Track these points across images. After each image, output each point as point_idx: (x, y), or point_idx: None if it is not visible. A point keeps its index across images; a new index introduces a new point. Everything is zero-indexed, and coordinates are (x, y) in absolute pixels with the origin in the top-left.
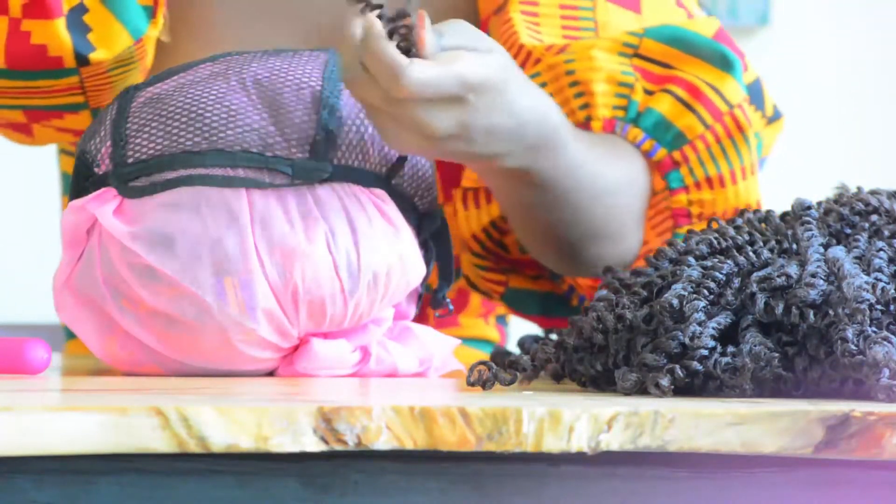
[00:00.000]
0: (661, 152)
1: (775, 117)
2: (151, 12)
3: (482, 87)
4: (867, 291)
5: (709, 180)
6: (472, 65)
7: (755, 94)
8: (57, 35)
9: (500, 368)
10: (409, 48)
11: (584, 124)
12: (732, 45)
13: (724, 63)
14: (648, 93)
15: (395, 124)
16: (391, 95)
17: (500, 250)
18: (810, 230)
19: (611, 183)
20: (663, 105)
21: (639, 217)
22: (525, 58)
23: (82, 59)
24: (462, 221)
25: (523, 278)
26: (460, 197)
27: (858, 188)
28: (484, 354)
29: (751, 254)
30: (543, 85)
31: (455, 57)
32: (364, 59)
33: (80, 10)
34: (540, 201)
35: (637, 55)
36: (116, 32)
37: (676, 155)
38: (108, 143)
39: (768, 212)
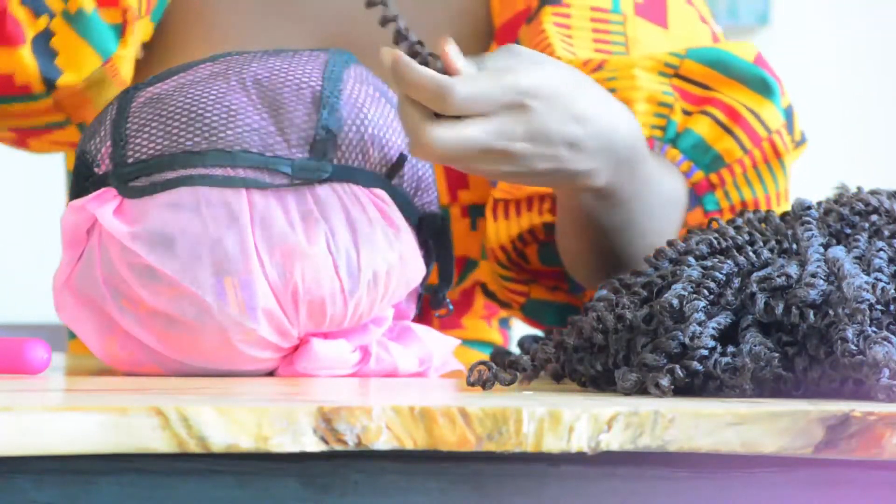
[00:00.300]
0: (699, 174)
1: (801, 142)
2: (120, 31)
3: (540, 90)
4: (867, 291)
5: (744, 204)
6: (522, 72)
7: (789, 119)
8: (22, 62)
9: (500, 368)
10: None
11: None
12: (771, 70)
13: (764, 88)
14: (687, 113)
15: (482, 162)
16: (443, 112)
17: (522, 261)
18: (810, 230)
19: (671, 198)
20: (702, 127)
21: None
22: None
23: (51, 84)
24: (491, 232)
25: (543, 289)
26: (491, 207)
27: (858, 188)
28: (486, 356)
29: (751, 254)
30: None
31: (504, 69)
32: (407, 92)
33: (47, 35)
34: (616, 220)
35: (677, 75)
36: (84, 55)
37: (713, 178)
38: (108, 143)
39: (768, 212)
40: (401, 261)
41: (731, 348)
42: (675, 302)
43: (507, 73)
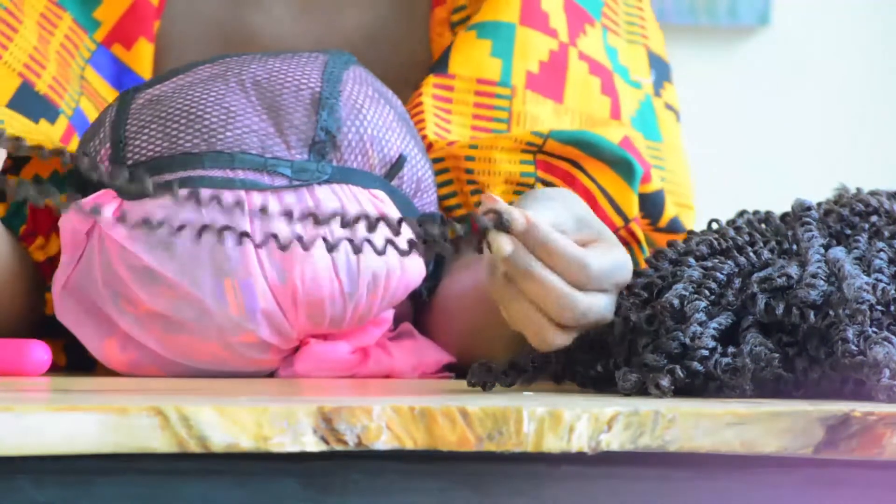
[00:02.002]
0: None
1: (672, 230)
2: None
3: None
4: (867, 292)
5: None
6: (617, 248)
7: (656, 204)
8: None
9: (500, 369)
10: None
11: None
12: (638, 155)
13: (627, 171)
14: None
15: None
16: (582, 287)
17: None
18: (810, 231)
19: None
20: None
21: None
22: (427, 147)
23: None
24: None
25: None
26: None
27: (858, 189)
28: None
29: (751, 254)
30: (445, 171)
31: (603, 243)
32: (546, 260)
33: None
34: None
35: (541, 151)
36: None
37: None
38: (108, 145)
39: (768, 212)
40: (400, 262)
41: (731, 349)
42: (676, 302)
43: (612, 249)
